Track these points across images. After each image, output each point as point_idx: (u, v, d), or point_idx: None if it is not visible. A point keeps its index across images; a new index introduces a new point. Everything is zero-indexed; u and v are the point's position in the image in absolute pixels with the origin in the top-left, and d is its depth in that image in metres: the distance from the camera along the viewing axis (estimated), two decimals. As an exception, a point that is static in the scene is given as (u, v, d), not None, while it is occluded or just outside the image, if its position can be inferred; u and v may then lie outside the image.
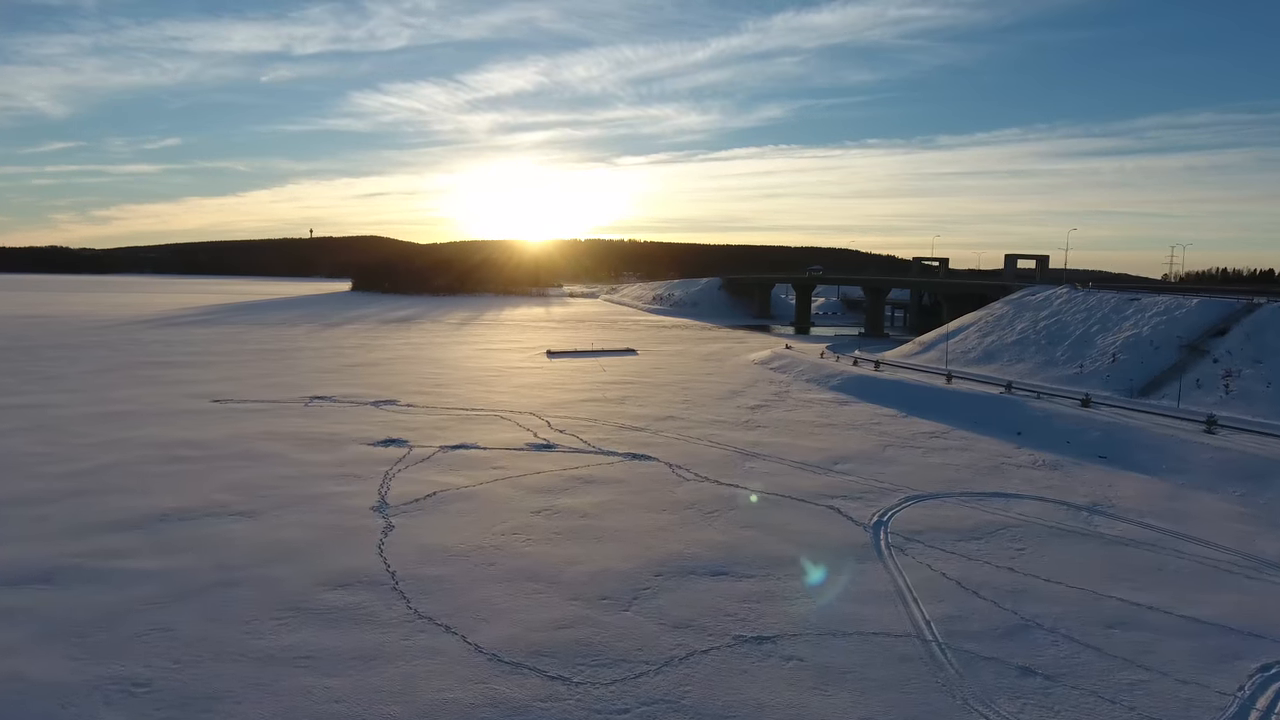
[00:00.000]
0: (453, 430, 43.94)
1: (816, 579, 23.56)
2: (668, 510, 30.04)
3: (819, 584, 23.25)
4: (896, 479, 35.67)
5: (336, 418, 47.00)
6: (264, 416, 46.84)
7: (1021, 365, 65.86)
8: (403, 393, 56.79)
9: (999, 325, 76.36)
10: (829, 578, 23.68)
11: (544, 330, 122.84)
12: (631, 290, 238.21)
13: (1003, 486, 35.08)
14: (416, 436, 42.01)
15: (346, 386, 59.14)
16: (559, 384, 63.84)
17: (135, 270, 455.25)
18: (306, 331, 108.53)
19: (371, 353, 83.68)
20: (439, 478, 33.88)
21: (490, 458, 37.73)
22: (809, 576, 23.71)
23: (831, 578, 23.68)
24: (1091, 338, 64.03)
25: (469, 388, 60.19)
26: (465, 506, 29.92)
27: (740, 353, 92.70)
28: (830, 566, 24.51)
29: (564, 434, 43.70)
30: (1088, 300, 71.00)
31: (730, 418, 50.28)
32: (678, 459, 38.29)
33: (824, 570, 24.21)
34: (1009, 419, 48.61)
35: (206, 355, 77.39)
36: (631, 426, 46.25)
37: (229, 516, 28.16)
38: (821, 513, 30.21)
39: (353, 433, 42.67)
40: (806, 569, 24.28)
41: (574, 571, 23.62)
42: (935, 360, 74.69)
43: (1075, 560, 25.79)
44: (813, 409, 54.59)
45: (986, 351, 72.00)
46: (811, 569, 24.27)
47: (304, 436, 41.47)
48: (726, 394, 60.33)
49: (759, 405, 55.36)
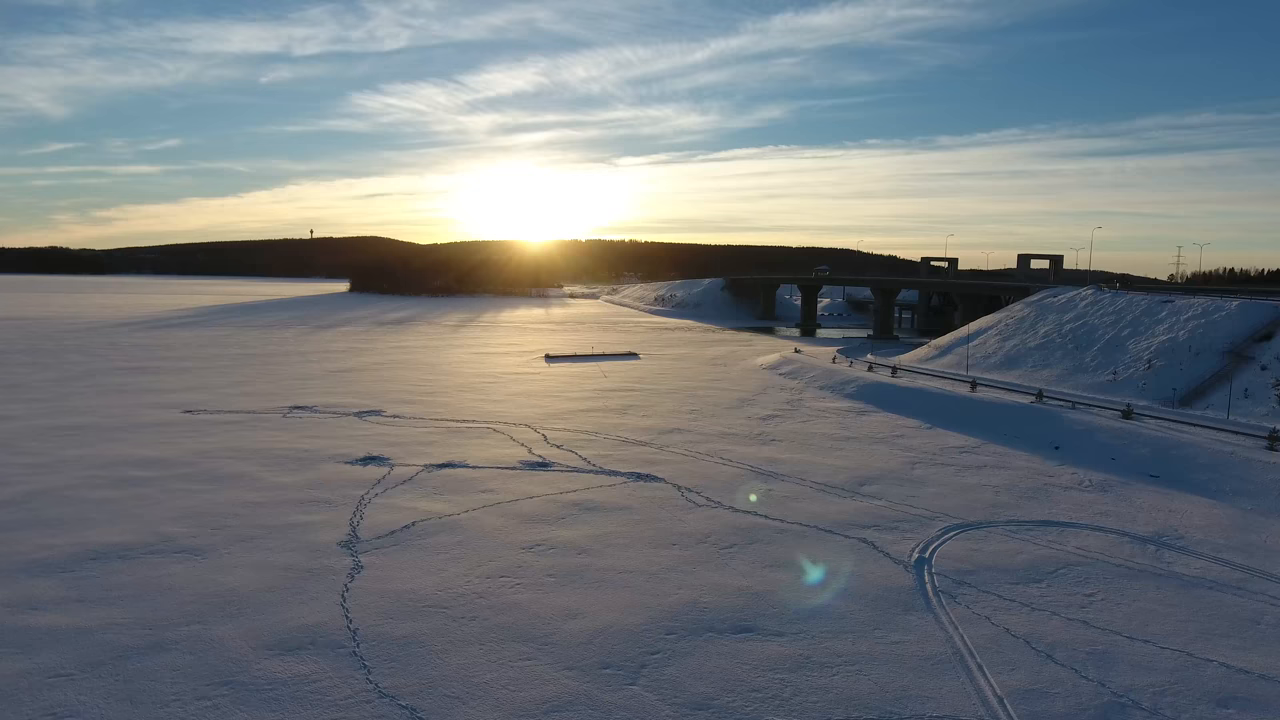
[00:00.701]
0: (440, 445, 40.19)
1: (859, 638, 19.80)
2: (678, 544, 26.30)
3: (863, 645, 19.49)
4: (932, 504, 31.92)
5: (314, 431, 43.26)
6: (235, 430, 43.11)
7: (1047, 371, 62.09)
8: (389, 402, 53.05)
9: (1020, 328, 72.60)
10: (874, 635, 19.92)
11: (543, 333, 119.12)
12: (632, 291, 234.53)
13: (1051, 512, 31.31)
14: (399, 453, 38.26)
15: (330, 395, 55.40)
16: (557, 391, 60.10)
17: (134, 271, 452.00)
18: (296, 334, 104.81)
19: (361, 357, 79.95)
20: (420, 504, 30.13)
21: (479, 479, 33.98)
22: (850, 635, 19.95)
23: (877, 635, 19.93)
24: (1122, 342, 60.25)
25: (461, 396, 56.44)
26: (447, 540, 26.17)
27: (747, 356, 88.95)
28: (873, 620, 20.75)
29: (561, 450, 39.96)
30: (1115, 302, 67.24)
31: (741, 430, 46.53)
32: (687, 479, 34.55)
33: (867, 625, 20.46)
34: (1044, 432, 44.85)
35: (186, 360, 73.66)
36: (635, 440, 42.51)
37: (173, 554, 24.41)
38: (854, 548, 26.44)
39: (330, 449, 38.93)
40: (845, 624, 20.53)
41: (570, 629, 19.87)
42: (954, 365, 70.95)
43: (1157, 610, 22.03)
44: (829, 420, 50.83)
45: (1008, 356, 68.23)
46: (852, 624, 20.53)
47: (275, 454, 37.72)
48: (735, 402, 56.58)
49: (771, 415, 51.60)
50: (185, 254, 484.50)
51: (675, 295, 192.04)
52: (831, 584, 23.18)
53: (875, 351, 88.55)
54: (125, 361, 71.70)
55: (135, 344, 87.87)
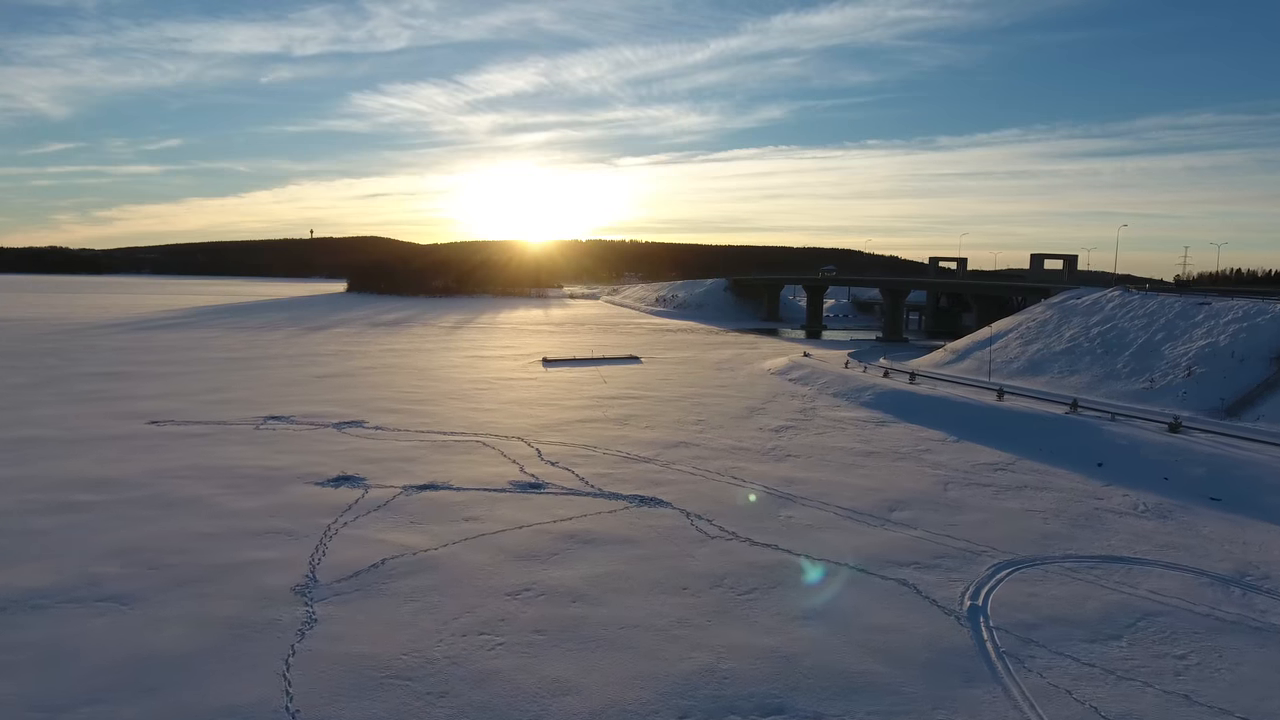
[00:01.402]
0: (423, 463, 36.50)
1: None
2: (690, 588, 22.60)
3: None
4: (974, 534, 28.22)
5: (287, 445, 39.58)
6: (200, 444, 39.44)
7: (1075, 378, 58.38)
8: (373, 411, 49.36)
9: (1043, 331, 68.89)
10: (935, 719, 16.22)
11: (541, 334, 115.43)
12: (633, 291, 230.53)
13: (1111, 545, 27.61)
14: (377, 472, 34.57)
15: (310, 403, 51.71)
16: (554, 399, 56.40)
17: (133, 271, 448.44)
18: (285, 336, 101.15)
19: (349, 361, 76.25)
20: (393, 535, 26.44)
21: (463, 503, 30.29)
22: (905, 719, 16.25)
23: (939, 719, 16.23)
24: (1157, 347, 56.53)
25: (451, 405, 52.73)
26: (420, 584, 22.48)
27: (753, 360, 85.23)
28: (931, 697, 17.04)
29: (556, 467, 36.27)
30: (1145, 304, 63.52)
31: (753, 443, 42.84)
32: (696, 504, 30.85)
33: (924, 704, 16.75)
34: (1084, 446, 41.13)
35: (164, 365, 69.99)
36: (637, 456, 38.81)
37: (96, 604, 20.72)
38: (893, 591, 22.74)
39: (301, 466, 35.24)
40: (899, 703, 16.82)
41: (559, 710, 16.17)
42: (973, 371, 67.25)
43: (1266, 678, 18.32)
44: (847, 431, 47.13)
45: (1032, 361, 64.52)
46: (905, 702, 16.82)
47: (239, 473, 34.03)
48: (744, 411, 52.87)
49: (785, 426, 47.89)
50: (185, 254, 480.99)
51: (677, 296, 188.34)
52: (875, 643, 19.46)
53: (888, 355, 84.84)
54: (100, 366, 68.03)
55: (115, 347, 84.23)
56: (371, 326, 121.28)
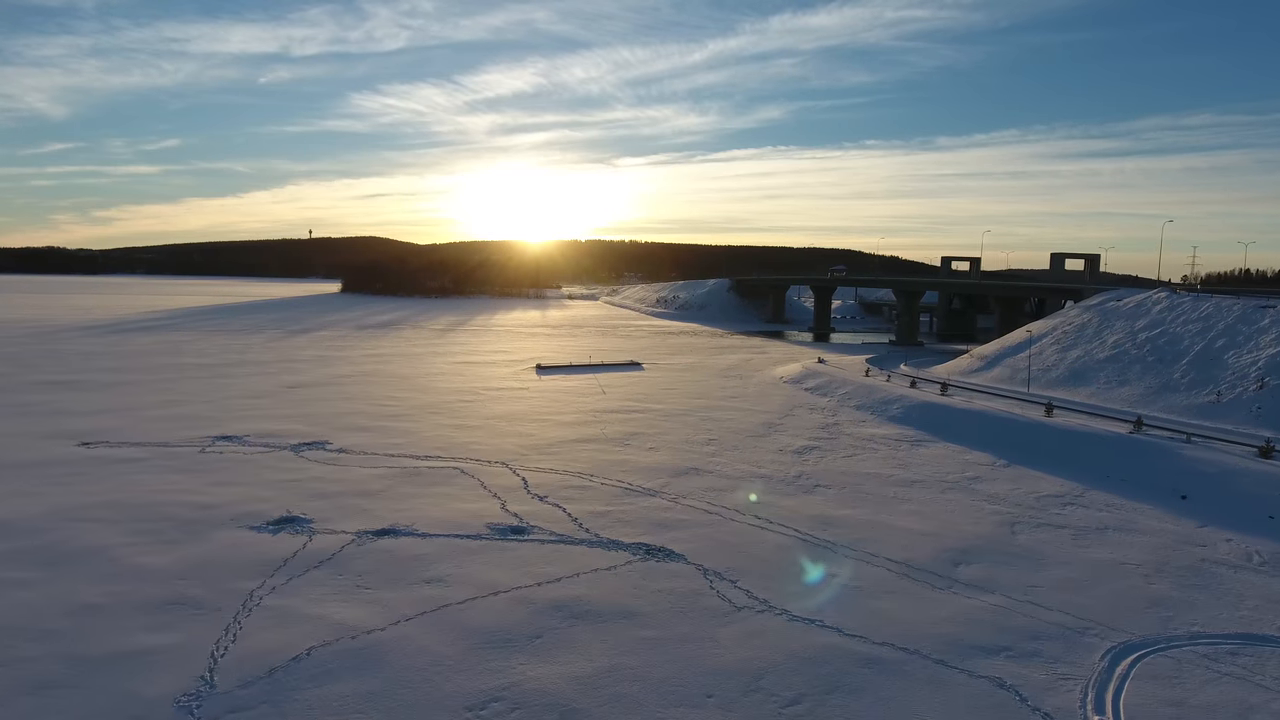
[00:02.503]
0: (386, 498, 30.70)
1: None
2: (716, 695, 16.81)
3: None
4: (1067, 600, 22.43)
5: (229, 474, 33.78)
6: (128, 472, 33.64)
7: (1126, 390, 52.59)
8: (340, 429, 43.57)
9: (1082, 337, 63.08)
10: None
11: (537, 337, 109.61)
12: (633, 292, 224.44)
13: (1245, 617, 21.81)
14: (329, 511, 28.78)
15: (272, 419, 45.91)
16: (546, 413, 50.61)
17: (129, 271, 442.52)
18: (266, 340, 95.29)
19: (327, 368, 70.41)
20: (331, 608, 20.65)
21: (426, 557, 24.49)
22: None
23: None
24: (1218, 355, 50.73)
25: (429, 421, 46.90)
26: (349, 690, 16.69)
27: (763, 366, 79.41)
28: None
29: (545, 503, 30.49)
30: (1198, 307, 57.72)
31: (774, 468, 37.07)
32: (716, 556, 25.07)
33: None
34: (1161, 474, 35.36)
35: (124, 373, 64.17)
36: (641, 488, 33.02)
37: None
38: (988, 698, 16.95)
39: (239, 503, 29.45)
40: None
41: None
42: (1007, 380, 61.48)
43: None
44: (879, 453, 41.35)
45: (1073, 370, 58.71)
46: None
47: (162, 512, 28.23)
48: (761, 428, 47.08)
49: (808, 447, 42.10)
50: (182, 254, 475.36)
51: (678, 297, 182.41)
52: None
53: (908, 361, 78.91)
54: (54, 374, 62.22)
55: (81, 352, 78.37)
56: (359, 329, 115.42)
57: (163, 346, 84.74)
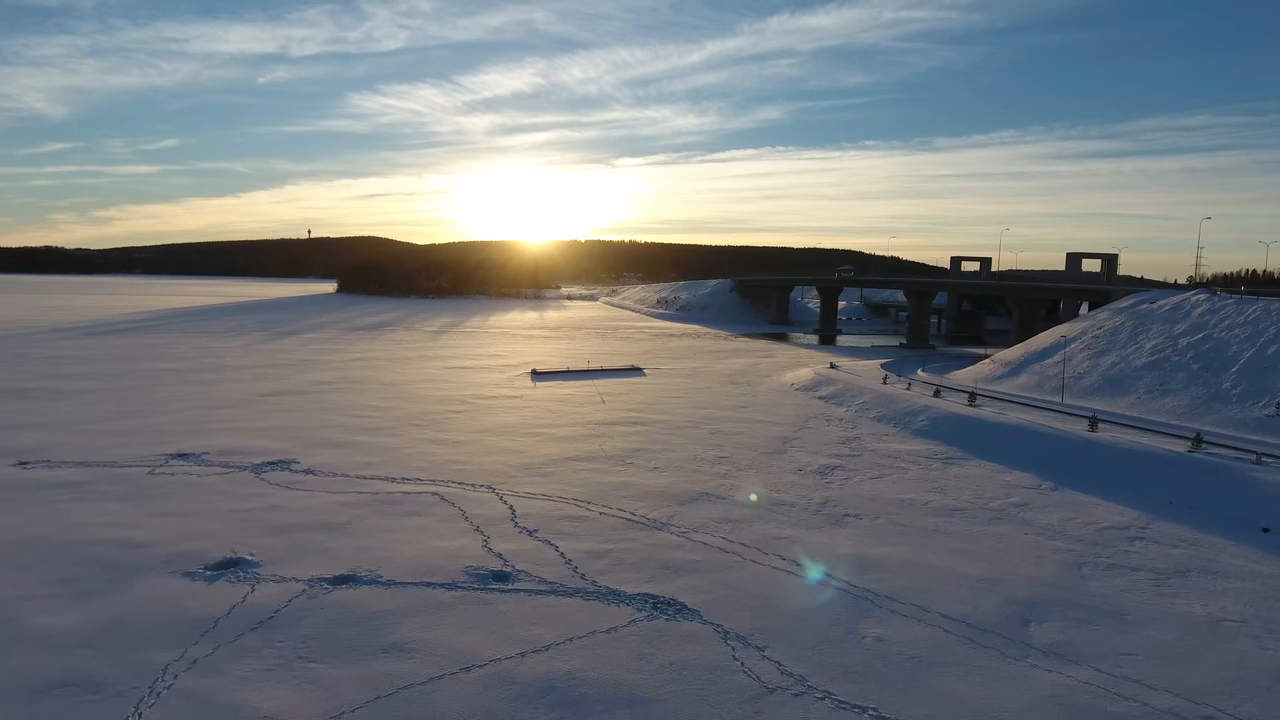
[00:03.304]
0: (350, 533, 26.53)
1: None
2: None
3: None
4: (1168, 676, 18.26)
5: (175, 502, 29.61)
6: (61, 499, 29.45)
7: (1170, 400, 48.41)
8: (312, 445, 39.40)
9: (1115, 342, 58.93)
10: None
11: (534, 340, 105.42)
12: (633, 293, 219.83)
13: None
14: (281, 551, 24.61)
15: (237, 433, 41.74)
16: (540, 425, 46.44)
17: (126, 271, 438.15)
18: (248, 343, 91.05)
19: (308, 373, 66.19)
20: (260, 693, 16.47)
21: (388, 615, 20.32)
22: None
23: None
24: (1271, 364, 46.58)
25: (411, 435, 42.72)
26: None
27: (771, 372, 75.22)
28: None
29: (535, 538, 26.33)
30: (1244, 310, 53.58)
31: (795, 492, 32.91)
32: (737, 613, 20.89)
33: None
34: (1235, 501, 31.21)
35: (87, 379, 59.99)
36: (645, 519, 28.86)
37: None
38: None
39: (177, 541, 25.28)
40: None
41: None
42: (1035, 387, 57.33)
43: None
44: (909, 473, 37.18)
45: (1109, 378, 54.54)
46: None
47: (84, 553, 24.05)
48: (775, 443, 42.92)
49: (830, 466, 37.93)
50: (180, 254, 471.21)
51: (680, 297, 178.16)
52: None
53: (925, 366, 74.72)
54: (11, 380, 58.02)
55: (49, 355, 74.15)
56: (349, 331, 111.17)
57: (136, 350, 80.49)
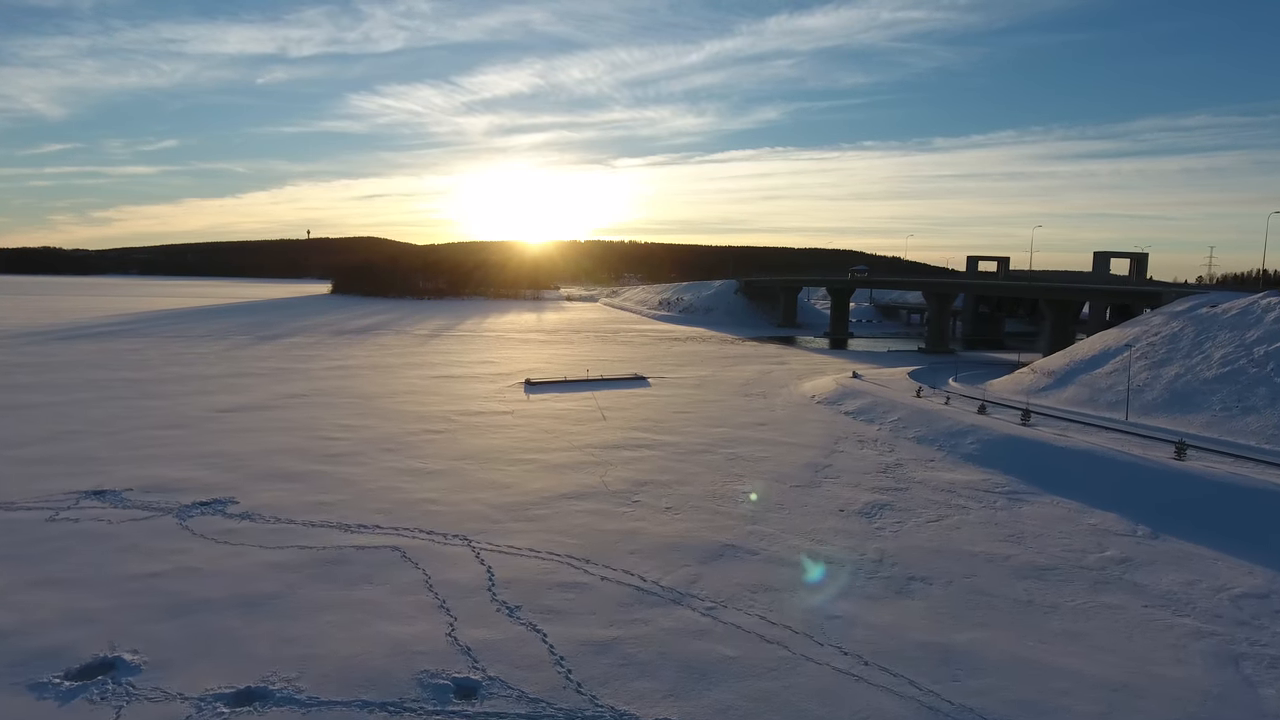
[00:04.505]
0: (275, 614, 20.36)
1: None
2: None
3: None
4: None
5: (66, 562, 23.47)
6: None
7: (1255, 419, 42.25)
8: (260, 476, 33.26)
9: (1177, 351, 52.76)
10: None
11: (530, 345, 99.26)
12: (634, 294, 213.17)
13: None
14: (174, 646, 18.45)
15: (176, 460, 35.61)
16: (532, 450, 40.31)
17: (122, 272, 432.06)
18: (224, 349, 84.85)
19: (279, 384, 60.02)
20: None
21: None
22: None
23: None
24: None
25: (379, 463, 36.57)
26: None
27: (786, 380, 69.05)
28: None
29: (516, 621, 20.17)
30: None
31: (841, 543, 26.77)
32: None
33: None
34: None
35: (31, 391, 53.84)
36: (658, 586, 22.70)
37: None
38: None
39: (47, 624, 19.13)
40: None
41: None
42: (1085, 402, 51.20)
43: None
44: (971, 513, 31.03)
45: (1174, 392, 48.38)
46: None
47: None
48: (805, 471, 36.78)
49: (875, 504, 31.77)
50: (176, 254, 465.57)
51: (682, 299, 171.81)
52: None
53: (956, 375, 68.45)
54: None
55: (3, 363, 68.03)
56: (335, 335, 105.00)
57: (102, 357, 74.33)
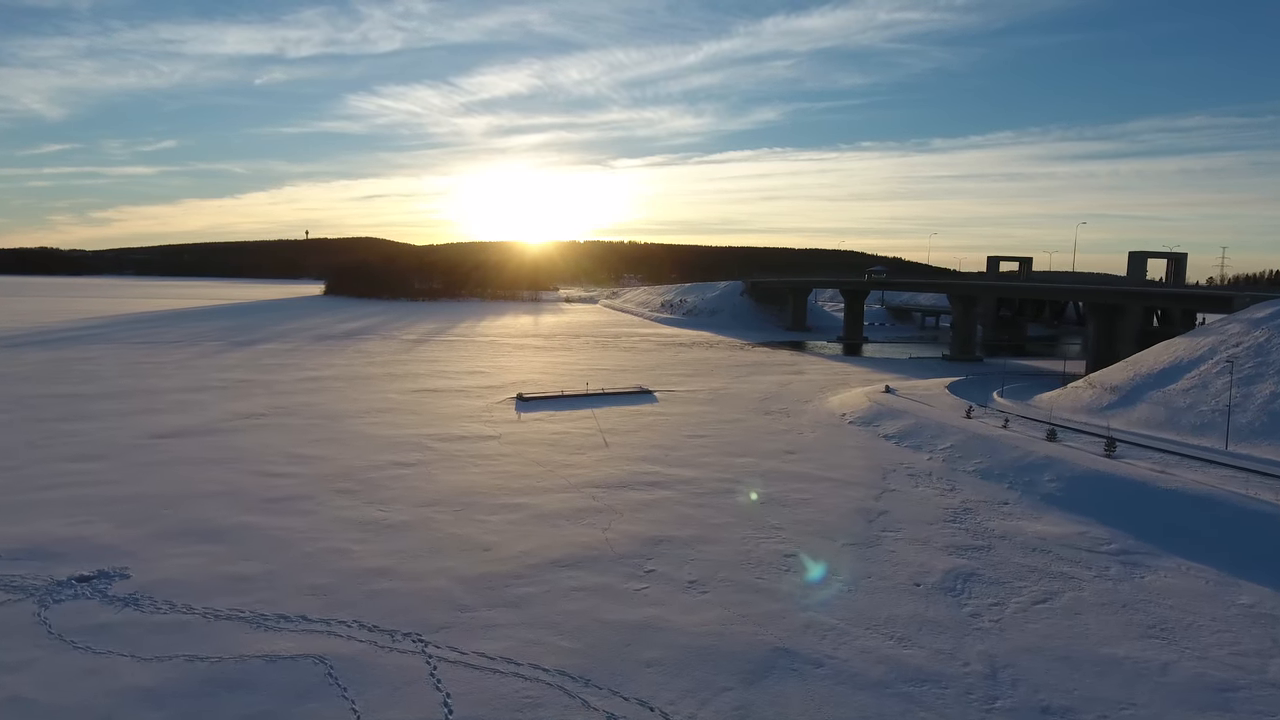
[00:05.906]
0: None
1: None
2: None
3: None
4: None
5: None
6: None
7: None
8: (169, 533, 26.12)
9: (1267, 365, 45.67)
10: None
11: (525, 351, 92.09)
12: (635, 295, 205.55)
13: None
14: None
15: (70, 510, 28.46)
16: (519, 490, 33.18)
17: (118, 272, 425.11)
18: (187, 358, 77.59)
19: (235, 400, 52.82)
20: None
21: None
22: None
23: None
24: None
25: (329, 511, 29.42)
26: None
27: (809, 394, 61.91)
28: None
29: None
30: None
31: (929, 643, 19.69)
32: None
33: None
34: None
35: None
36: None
37: None
38: None
39: None
40: None
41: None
42: (1162, 423, 44.16)
43: None
44: (1085, 588, 23.92)
45: (1274, 414, 41.29)
46: None
47: None
48: (856, 520, 29.67)
49: (958, 573, 24.66)
50: (173, 255, 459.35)
51: (686, 301, 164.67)
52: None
53: (1001, 389, 61.14)
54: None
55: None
56: (317, 340, 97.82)
57: (47, 369, 67.12)
